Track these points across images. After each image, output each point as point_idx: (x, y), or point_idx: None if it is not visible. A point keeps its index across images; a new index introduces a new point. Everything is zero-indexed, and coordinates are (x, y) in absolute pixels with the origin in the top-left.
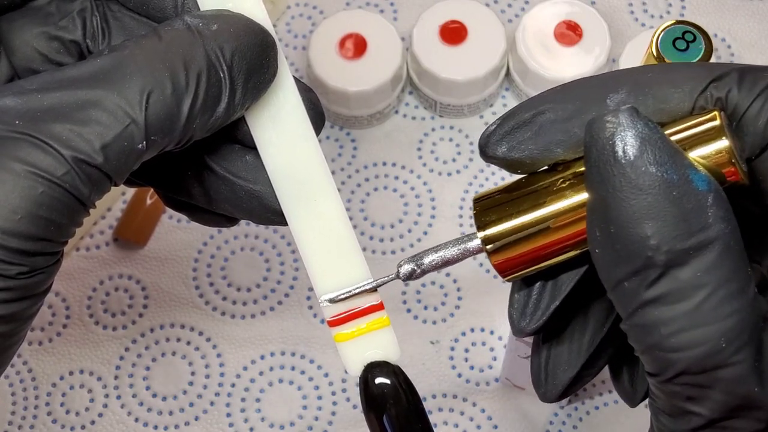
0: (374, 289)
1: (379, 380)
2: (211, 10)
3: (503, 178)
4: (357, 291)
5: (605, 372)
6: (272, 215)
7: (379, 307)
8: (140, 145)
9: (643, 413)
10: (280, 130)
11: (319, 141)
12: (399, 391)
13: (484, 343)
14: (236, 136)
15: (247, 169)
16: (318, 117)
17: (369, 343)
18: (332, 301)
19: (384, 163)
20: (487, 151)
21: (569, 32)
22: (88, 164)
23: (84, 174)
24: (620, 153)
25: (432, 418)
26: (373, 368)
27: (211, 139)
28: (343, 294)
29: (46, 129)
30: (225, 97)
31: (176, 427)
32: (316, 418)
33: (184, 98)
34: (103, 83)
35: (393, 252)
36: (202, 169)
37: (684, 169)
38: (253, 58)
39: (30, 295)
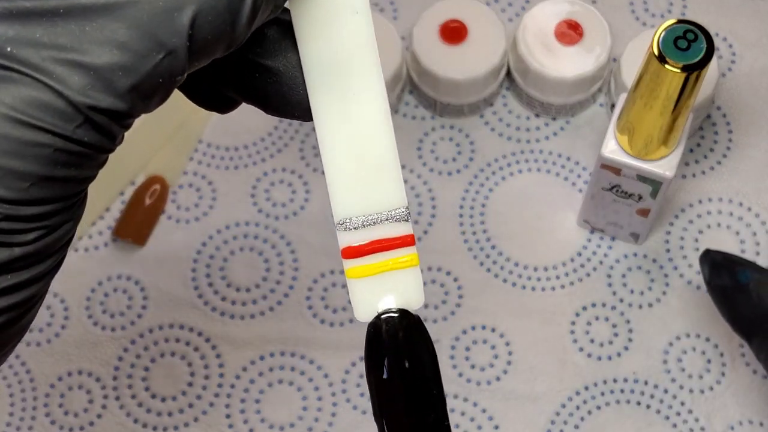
0: (406, 218)
1: (392, 332)
2: None
3: (503, 178)
4: (385, 218)
5: (609, 372)
6: (293, 107)
7: (408, 240)
8: (179, 77)
9: (644, 413)
10: None
11: None
12: (416, 348)
13: (485, 341)
14: None
15: (266, 43)
16: None
17: (388, 284)
18: (350, 226)
19: None
20: None
21: (570, 31)
22: (109, 111)
23: (105, 121)
24: None
25: None
26: (387, 317)
27: None
28: (366, 219)
29: (52, 68)
30: None
31: (175, 428)
32: (316, 419)
33: (240, 9)
34: (129, 6)
35: None
36: None
37: None
38: None
39: (53, 252)
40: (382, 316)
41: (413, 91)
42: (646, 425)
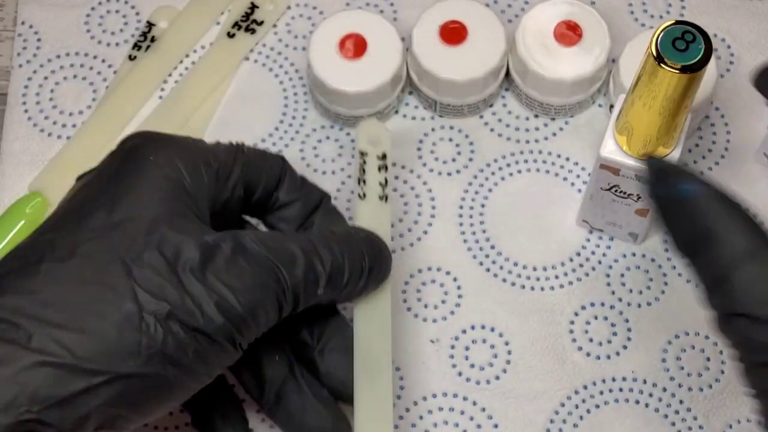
0: None
1: None
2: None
3: (503, 178)
4: None
5: (608, 371)
6: (347, 386)
7: None
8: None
9: (643, 412)
10: (372, 316)
11: (320, 141)
12: None
13: (484, 341)
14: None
15: (335, 362)
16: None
17: None
18: None
19: None
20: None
21: (569, 32)
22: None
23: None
24: None
25: (432, 418)
26: None
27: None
28: None
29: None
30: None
31: (176, 427)
32: None
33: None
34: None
35: (393, 251)
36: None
37: None
38: (378, 261)
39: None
40: None
41: (413, 91)
42: (644, 424)
